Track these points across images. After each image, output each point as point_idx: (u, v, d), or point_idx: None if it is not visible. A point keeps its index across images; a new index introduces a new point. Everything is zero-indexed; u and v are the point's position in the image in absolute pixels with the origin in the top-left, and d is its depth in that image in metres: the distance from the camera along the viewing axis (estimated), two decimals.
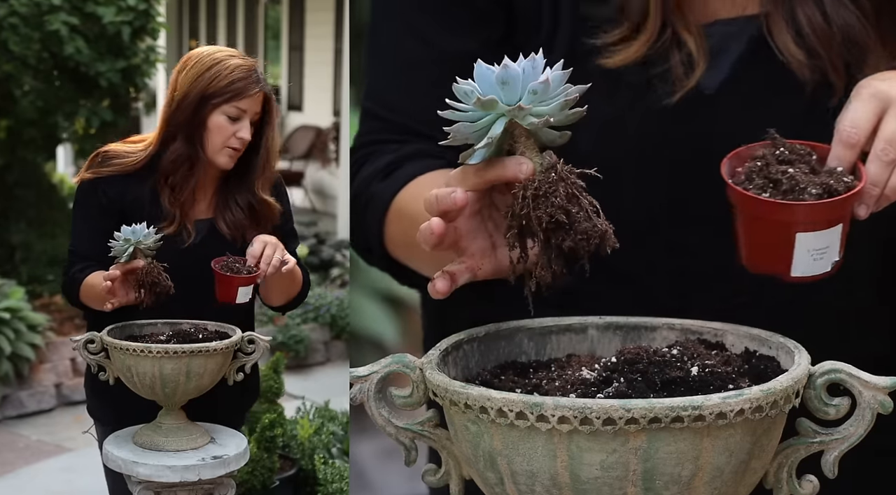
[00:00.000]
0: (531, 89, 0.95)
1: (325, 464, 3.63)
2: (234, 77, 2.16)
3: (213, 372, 2.04)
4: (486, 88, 0.96)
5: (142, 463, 2.02)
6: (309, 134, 12.78)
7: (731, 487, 0.89)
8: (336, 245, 8.37)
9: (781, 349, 0.99)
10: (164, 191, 2.18)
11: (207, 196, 2.25)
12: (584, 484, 0.85)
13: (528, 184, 0.96)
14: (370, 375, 0.99)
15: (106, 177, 2.19)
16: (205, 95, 2.15)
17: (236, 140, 2.16)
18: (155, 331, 2.11)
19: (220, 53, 2.21)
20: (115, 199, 2.18)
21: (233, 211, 2.23)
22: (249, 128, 2.18)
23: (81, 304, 2.22)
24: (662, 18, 1.26)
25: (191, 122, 2.16)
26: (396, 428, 1.00)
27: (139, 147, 2.23)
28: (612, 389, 0.90)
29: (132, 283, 2.04)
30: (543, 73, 0.95)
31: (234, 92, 2.15)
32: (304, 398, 4.79)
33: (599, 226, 0.95)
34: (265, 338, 2.15)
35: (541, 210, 0.95)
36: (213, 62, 2.17)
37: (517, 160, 0.97)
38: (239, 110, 2.16)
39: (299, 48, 13.69)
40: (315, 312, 6.61)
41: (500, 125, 0.96)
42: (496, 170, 0.98)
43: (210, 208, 2.25)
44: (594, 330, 1.10)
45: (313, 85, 13.25)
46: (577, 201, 0.95)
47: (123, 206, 2.17)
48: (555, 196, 0.95)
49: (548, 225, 0.95)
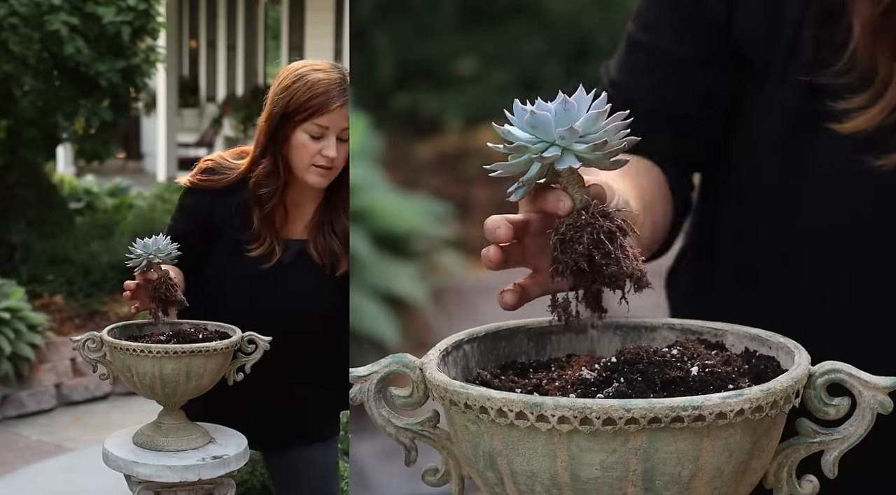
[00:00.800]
0: (559, 135, 0.95)
1: None
2: (312, 93, 2.12)
3: (214, 372, 2.04)
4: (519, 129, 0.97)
5: (142, 463, 2.02)
6: None
7: (731, 487, 0.89)
8: None
9: (781, 349, 0.99)
10: (253, 208, 2.18)
11: (305, 217, 2.23)
12: (584, 484, 0.85)
13: (558, 228, 0.97)
14: (370, 375, 0.99)
15: (203, 188, 2.21)
16: (286, 113, 2.13)
17: (322, 158, 2.12)
18: (155, 330, 2.12)
19: (304, 68, 2.17)
20: (205, 208, 2.20)
21: (325, 235, 2.21)
22: (335, 145, 2.13)
23: None
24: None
25: (276, 139, 2.15)
26: (396, 428, 1.00)
27: (240, 162, 2.23)
28: (612, 389, 0.90)
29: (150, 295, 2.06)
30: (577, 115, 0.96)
31: (314, 108, 2.11)
32: None
33: (627, 270, 0.96)
34: (265, 338, 2.15)
35: (566, 255, 0.96)
36: (296, 78, 2.14)
37: (557, 196, 0.98)
38: (320, 128, 2.12)
39: (299, 48, 13.68)
40: None
41: (535, 168, 0.97)
42: (539, 202, 1.00)
43: (306, 230, 2.23)
44: (594, 330, 1.10)
45: None
46: (603, 247, 0.96)
47: (211, 220, 2.19)
48: (578, 243, 0.96)
49: (572, 270, 0.96)
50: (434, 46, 6.33)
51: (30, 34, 6.11)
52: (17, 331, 5.38)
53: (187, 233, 2.21)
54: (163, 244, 2.01)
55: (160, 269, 2.02)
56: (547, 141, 0.96)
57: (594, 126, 0.96)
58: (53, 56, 6.25)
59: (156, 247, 2.01)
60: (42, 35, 6.13)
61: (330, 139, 2.13)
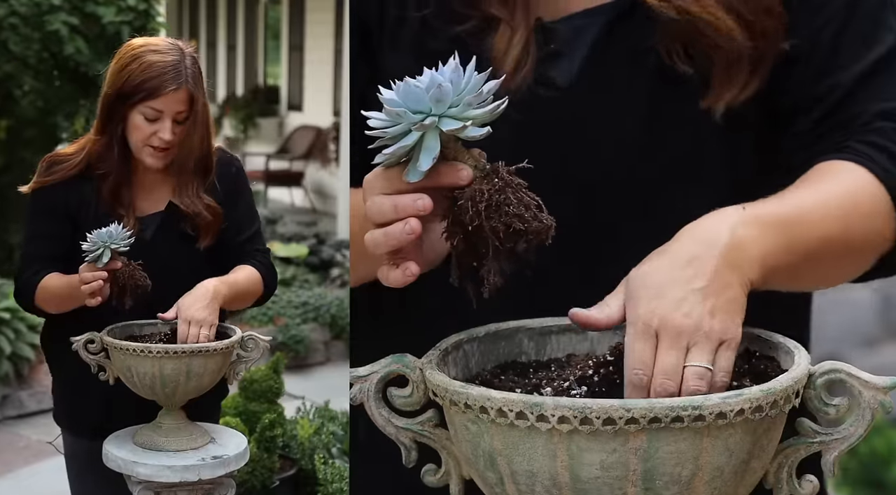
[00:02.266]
0: (466, 102, 0.93)
1: (325, 464, 3.63)
2: (145, 76, 2.08)
3: (214, 371, 2.04)
4: (413, 102, 0.94)
5: (142, 463, 2.02)
6: (309, 134, 12.79)
7: (731, 487, 0.89)
8: (336, 245, 8.37)
9: (781, 349, 0.99)
10: (102, 188, 2.16)
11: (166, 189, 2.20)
12: (584, 484, 0.85)
13: (477, 195, 0.94)
14: (370, 375, 0.99)
15: (50, 185, 2.18)
16: (121, 94, 2.10)
17: (157, 139, 2.10)
18: (155, 330, 2.11)
19: (141, 48, 2.12)
20: (61, 205, 2.17)
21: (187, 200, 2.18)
22: (171, 127, 2.09)
23: (36, 308, 2.21)
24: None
25: (112, 118, 2.13)
26: (396, 428, 1.00)
27: (80, 147, 2.20)
28: (598, 378, 0.90)
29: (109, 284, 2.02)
30: (477, 86, 0.94)
31: (147, 92, 2.07)
32: (304, 398, 4.79)
33: (546, 222, 0.94)
34: (265, 338, 2.15)
35: (495, 220, 0.93)
36: (131, 59, 2.11)
37: (454, 167, 0.96)
38: (154, 111, 2.08)
39: (299, 48, 13.69)
40: (315, 312, 6.61)
41: (413, 137, 0.94)
42: (433, 178, 0.96)
43: (162, 202, 2.20)
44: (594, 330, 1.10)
45: (313, 85, 13.26)
46: (529, 203, 0.94)
47: (69, 211, 2.16)
48: (507, 205, 0.93)
49: (504, 234, 0.93)
50: None
51: (30, 34, 6.12)
52: (17, 331, 5.38)
53: (51, 234, 2.18)
54: (117, 231, 1.99)
55: (120, 257, 2.00)
56: (423, 111, 0.93)
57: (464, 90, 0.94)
58: (53, 56, 6.26)
59: (111, 236, 1.98)
60: (42, 35, 6.13)
61: (164, 122, 2.09)
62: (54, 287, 2.14)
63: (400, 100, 0.94)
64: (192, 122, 2.13)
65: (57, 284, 2.13)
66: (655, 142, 1.27)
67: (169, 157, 2.14)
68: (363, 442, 1.47)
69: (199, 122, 2.14)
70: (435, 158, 0.94)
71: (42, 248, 2.20)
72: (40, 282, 2.15)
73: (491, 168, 0.95)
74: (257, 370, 4.02)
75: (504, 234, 0.93)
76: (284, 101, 14.39)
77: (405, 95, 0.94)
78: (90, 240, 1.99)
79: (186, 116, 2.12)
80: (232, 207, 2.23)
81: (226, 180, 2.24)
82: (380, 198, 0.98)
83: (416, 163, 0.94)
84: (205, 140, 2.17)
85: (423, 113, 0.93)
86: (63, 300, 2.13)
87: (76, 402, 2.25)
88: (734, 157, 1.28)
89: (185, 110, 2.11)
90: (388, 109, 0.94)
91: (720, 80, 1.24)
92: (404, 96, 0.94)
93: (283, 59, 14.55)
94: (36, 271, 2.17)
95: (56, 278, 2.14)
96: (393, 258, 0.98)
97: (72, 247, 2.10)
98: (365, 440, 1.46)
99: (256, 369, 4.00)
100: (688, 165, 1.28)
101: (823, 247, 1.10)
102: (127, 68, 2.10)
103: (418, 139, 0.94)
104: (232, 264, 2.21)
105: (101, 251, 1.98)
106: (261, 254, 2.27)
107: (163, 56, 2.10)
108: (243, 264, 2.22)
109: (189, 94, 2.10)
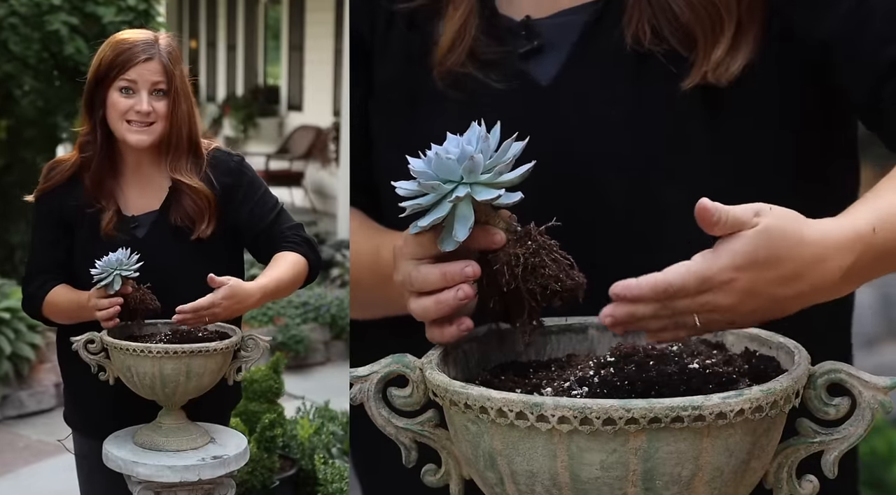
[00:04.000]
0: (497, 170, 0.96)
1: (325, 464, 3.63)
2: (116, 51, 2.09)
3: (214, 372, 2.04)
4: (445, 173, 0.96)
5: (142, 463, 2.02)
6: (309, 134, 12.78)
7: (731, 487, 0.89)
8: (336, 245, 8.37)
9: (781, 349, 0.99)
10: (84, 178, 2.15)
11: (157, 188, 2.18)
12: (584, 484, 0.85)
13: (513, 260, 0.96)
14: (370, 375, 0.99)
15: (49, 190, 2.19)
16: (97, 77, 2.11)
17: (134, 113, 2.09)
18: (155, 330, 2.11)
19: (116, 36, 2.15)
20: (55, 210, 2.17)
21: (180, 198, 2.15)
22: (147, 99, 2.09)
23: (43, 318, 2.22)
24: None
25: (93, 106, 2.13)
26: (396, 428, 1.00)
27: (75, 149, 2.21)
28: (599, 379, 0.90)
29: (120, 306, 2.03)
30: (507, 153, 0.97)
31: (119, 65, 2.08)
32: (304, 398, 4.79)
33: (578, 280, 0.97)
34: (265, 338, 2.15)
35: (531, 283, 0.97)
36: (106, 45, 2.13)
37: (487, 231, 0.98)
38: (129, 82, 2.08)
39: (299, 48, 13.69)
40: (315, 312, 6.61)
41: (446, 208, 0.96)
42: (466, 242, 0.98)
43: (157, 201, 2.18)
44: (594, 330, 1.10)
45: (313, 85, 13.26)
46: (563, 264, 0.97)
47: (63, 216, 2.17)
48: (542, 267, 0.96)
49: (541, 295, 0.97)
50: None
51: (30, 34, 6.12)
52: (17, 331, 5.38)
53: (53, 240, 2.18)
54: (125, 257, 2.00)
55: (131, 282, 2.02)
56: (453, 180, 0.96)
57: (494, 157, 0.97)
58: (53, 56, 6.26)
59: (120, 262, 2.00)
60: (42, 35, 6.13)
61: (141, 94, 2.09)
62: (62, 303, 2.15)
63: (432, 172, 0.97)
64: (170, 98, 2.12)
65: (65, 301, 2.14)
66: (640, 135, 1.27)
67: (152, 134, 2.11)
68: (363, 443, 1.47)
69: (179, 97, 2.13)
70: (471, 228, 0.96)
71: (46, 256, 2.20)
72: (46, 295, 2.16)
73: (523, 231, 0.98)
74: (257, 370, 4.02)
75: (541, 295, 0.97)
76: (284, 101, 14.39)
77: (437, 167, 0.97)
78: (99, 267, 2.00)
79: (165, 90, 2.11)
80: (241, 199, 2.20)
81: (227, 174, 2.21)
82: (425, 267, 0.99)
83: (451, 232, 0.97)
84: (191, 114, 2.16)
85: (454, 182, 0.95)
86: (71, 317, 2.15)
87: (86, 403, 2.25)
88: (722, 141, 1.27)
89: (162, 82, 2.10)
90: (421, 182, 0.97)
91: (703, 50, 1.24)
92: (436, 168, 0.97)
93: (283, 59, 14.55)
94: (42, 284, 2.18)
95: (63, 293, 2.15)
96: (442, 320, 1.01)
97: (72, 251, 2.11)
98: (365, 440, 1.46)
99: (256, 369, 4.01)
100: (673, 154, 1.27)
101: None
102: (100, 53, 2.12)
103: (451, 209, 0.96)
104: (267, 253, 2.18)
105: (112, 278, 2.00)
106: (292, 233, 2.21)
107: (134, 35, 2.13)
108: (280, 250, 2.17)
109: (163, 65, 2.10)
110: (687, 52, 1.25)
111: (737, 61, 1.24)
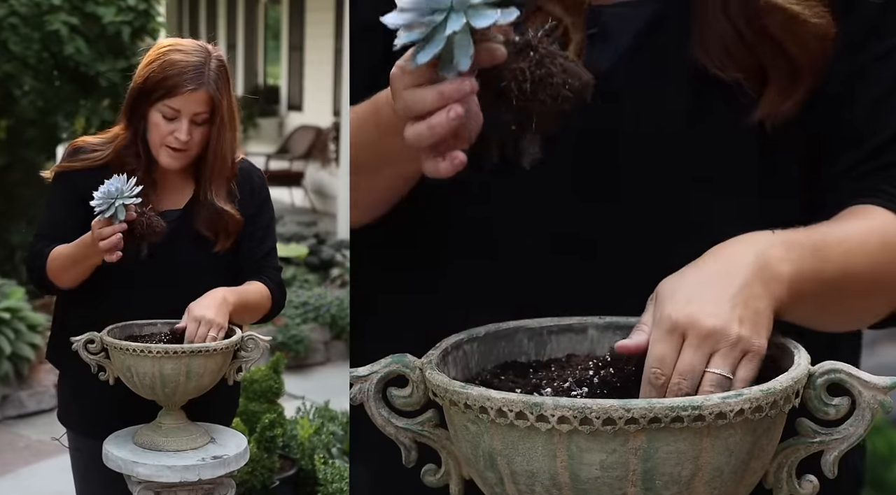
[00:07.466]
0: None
1: (325, 464, 3.63)
2: (165, 74, 2.07)
3: (214, 372, 2.04)
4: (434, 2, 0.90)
5: (142, 463, 2.02)
6: (309, 134, 12.78)
7: (731, 487, 0.89)
8: (336, 245, 8.37)
9: (781, 349, 0.99)
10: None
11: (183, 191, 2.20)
12: (584, 484, 0.85)
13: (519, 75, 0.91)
14: (370, 375, 0.99)
15: (76, 171, 2.17)
16: (143, 90, 2.10)
17: (173, 140, 2.09)
18: (155, 330, 2.11)
19: (167, 47, 2.13)
20: (80, 192, 2.13)
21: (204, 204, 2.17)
22: (188, 128, 2.08)
23: (48, 282, 2.18)
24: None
25: (135, 114, 2.13)
26: (396, 428, 1.00)
27: (108, 138, 2.20)
28: (598, 379, 0.90)
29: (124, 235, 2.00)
30: None
31: (165, 90, 2.07)
32: (304, 398, 4.79)
33: (586, 78, 0.93)
34: (265, 338, 2.15)
35: (541, 94, 0.91)
36: (157, 56, 2.11)
37: (487, 48, 0.92)
38: (172, 110, 2.08)
39: (299, 48, 13.69)
40: (315, 312, 6.61)
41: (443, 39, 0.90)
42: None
43: (181, 201, 2.20)
44: (594, 330, 1.10)
45: (313, 85, 13.26)
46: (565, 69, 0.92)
47: (87, 199, 2.15)
48: (551, 76, 0.91)
49: (552, 104, 0.91)
50: None
51: (30, 34, 6.11)
52: (17, 331, 5.38)
53: (67, 219, 2.16)
54: (123, 184, 1.97)
55: (133, 208, 1.99)
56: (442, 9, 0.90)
57: None
58: (53, 56, 6.25)
59: (120, 191, 1.97)
60: (42, 35, 6.13)
61: (182, 122, 2.08)
62: (66, 252, 2.11)
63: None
64: (216, 126, 2.11)
65: (69, 247, 2.11)
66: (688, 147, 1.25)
67: (185, 159, 2.13)
68: (363, 443, 1.47)
69: (224, 126, 2.13)
70: (472, 56, 0.90)
71: (56, 231, 2.16)
72: (51, 253, 2.13)
73: (523, 41, 0.93)
74: (257, 370, 4.02)
75: (552, 105, 0.91)
76: (284, 101, 14.39)
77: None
78: (98, 198, 1.97)
79: (206, 119, 2.10)
80: (251, 222, 2.23)
81: (248, 192, 2.24)
82: (419, 89, 0.94)
83: (451, 63, 0.91)
84: (233, 141, 2.17)
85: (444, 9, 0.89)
86: (77, 263, 2.10)
87: (82, 401, 2.24)
88: (771, 174, 1.26)
89: (205, 112, 2.09)
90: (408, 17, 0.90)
91: (778, 89, 1.22)
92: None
93: (283, 59, 14.55)
94: (46, 244, 2.16)
95: (65, 246, 2.12)
96: (436, 150, 0.95)
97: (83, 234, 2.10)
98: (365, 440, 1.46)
99: (256, 369, 4.00)
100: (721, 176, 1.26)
101: (850, 282, 1.11)
102: (150, 65, 2.10)
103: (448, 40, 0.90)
104: (244, 278, 2.22)
105: (116, 209, 1.97)
106: (273, 272, 2.27)
107: (186, 56, 2.09)
108: (255, 279, 2.22)
109: (209, 96, 2.08)
110: (750, 83, 1.23)
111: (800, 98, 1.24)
